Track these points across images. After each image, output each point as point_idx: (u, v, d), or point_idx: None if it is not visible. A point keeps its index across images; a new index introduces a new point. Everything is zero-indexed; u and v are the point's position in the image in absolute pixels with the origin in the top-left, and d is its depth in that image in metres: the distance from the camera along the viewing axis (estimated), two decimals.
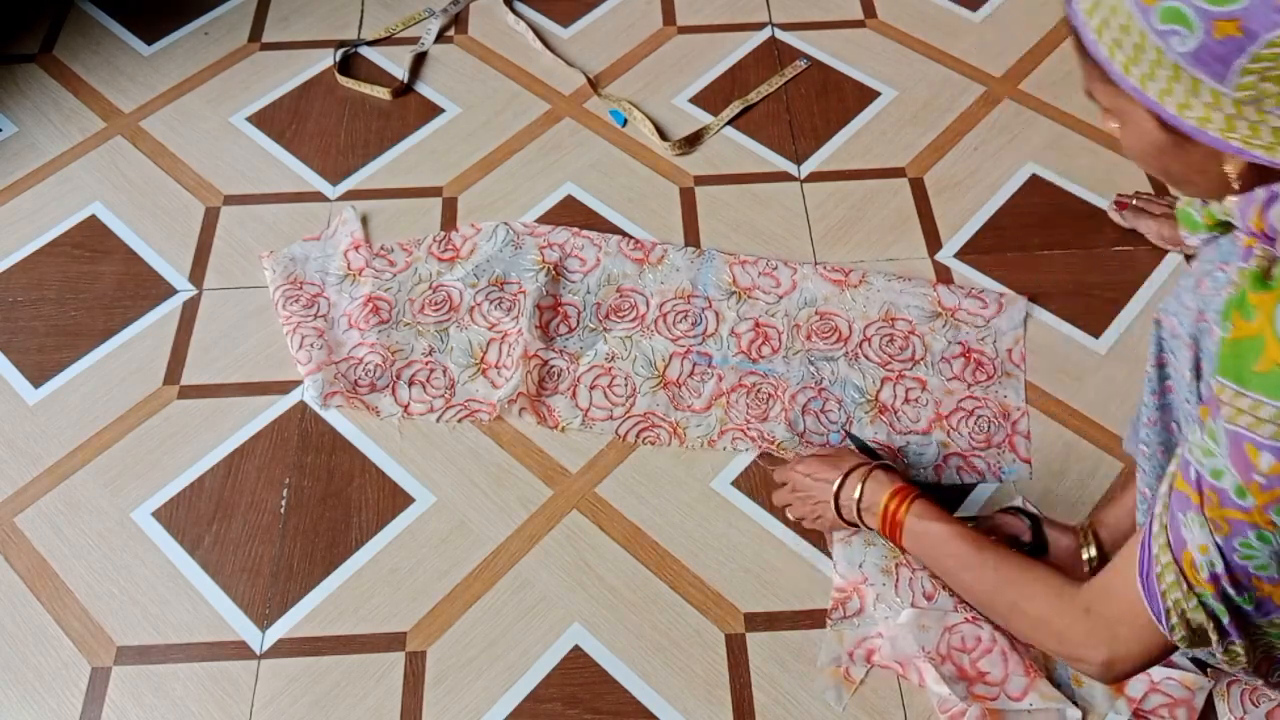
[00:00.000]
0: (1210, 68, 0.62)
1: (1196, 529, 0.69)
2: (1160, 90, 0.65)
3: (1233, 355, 0.66)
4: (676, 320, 1.30)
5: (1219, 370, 0.67)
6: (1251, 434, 0.64)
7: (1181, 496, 0.70)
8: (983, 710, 0.99)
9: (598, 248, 1.38)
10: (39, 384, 1.29)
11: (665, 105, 1.57)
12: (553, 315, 1.31)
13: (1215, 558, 0.69)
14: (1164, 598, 0.72)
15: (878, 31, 1.67)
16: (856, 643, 1.05)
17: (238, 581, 1.13)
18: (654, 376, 1.26)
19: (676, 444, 1.21)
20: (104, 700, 1.05)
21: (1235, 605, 0.70)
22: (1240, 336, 0.66)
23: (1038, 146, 1.50)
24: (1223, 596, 0.70)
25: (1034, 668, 1.01)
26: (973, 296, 1.32)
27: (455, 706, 1.04)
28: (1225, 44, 0.60)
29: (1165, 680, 1.01)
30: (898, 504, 1.01)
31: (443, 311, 1.32)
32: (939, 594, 1.06)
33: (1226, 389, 0.65)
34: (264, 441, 1.23)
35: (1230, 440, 0.65)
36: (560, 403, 1.24)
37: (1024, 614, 0.87)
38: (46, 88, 1.63)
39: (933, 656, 1.01)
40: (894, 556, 1.08)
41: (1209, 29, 0.60)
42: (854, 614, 1.07)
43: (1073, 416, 1.22)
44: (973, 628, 1.03)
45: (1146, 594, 0.73)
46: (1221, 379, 0.66)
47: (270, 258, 1.38)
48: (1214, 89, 0.62)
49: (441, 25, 1.69)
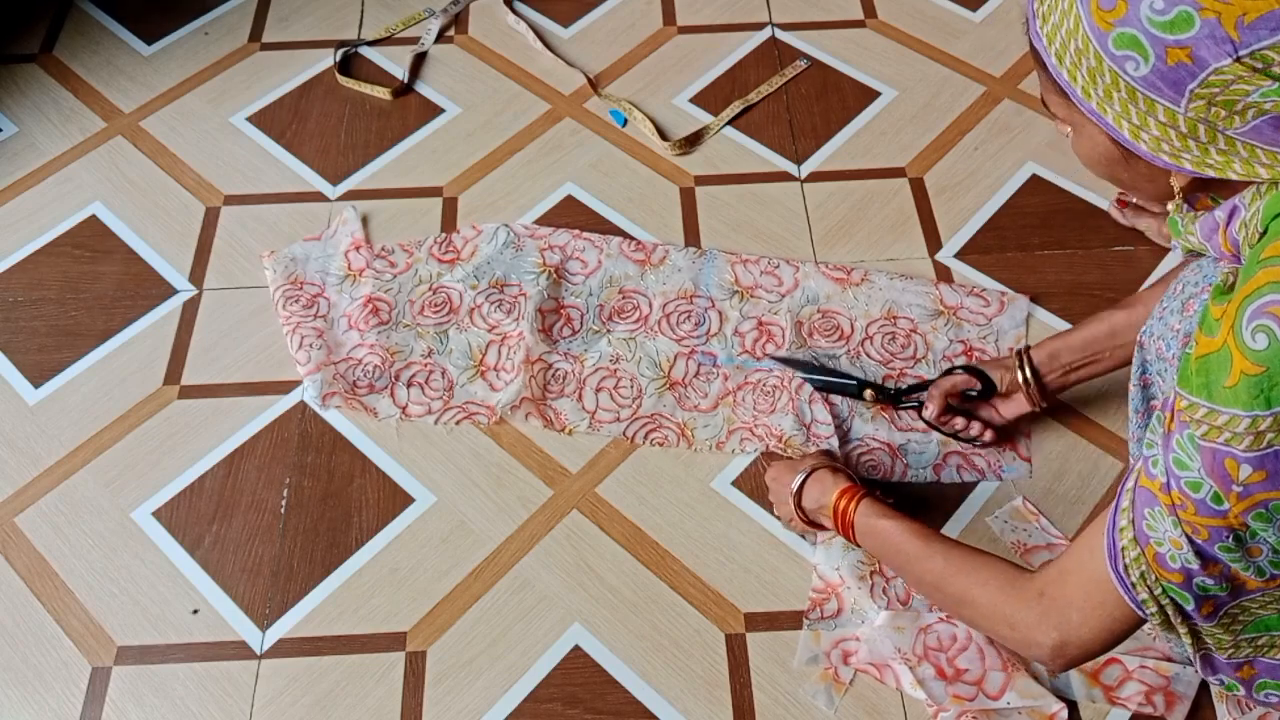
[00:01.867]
0: (1163, 92, 0.65)
1: (1162, 525, 0.70)
2: (1116, 114, 0.68)
3: (1201, 372, 0.65)
4: (680, 320, 1.30)
5: (1180, 383, 0.67)
6: (1230, 449, 0.64)
7: (1146, 493, 0.71)
8: (961, 712, 1.00)
9: (599, 249, 1.38)
10: (39, 384, 1.29)
11: (665, 105, 1.57)
12: (556, 318, 1.31)
13: (1189, 555, 0.69)
14: (1136, 588, 0.73)
15: (878, 31, 1.67)
16: (833, 643, 1.06)
17: (238, 581, 1.13)
18: (659, 377, 1.25)
19: (684, 446, 1.21)
20: (104, 700, 1.05)
21: (1207, 593, 0.71)
22: (1205, 353, 0.65)
23: (1038, 146, 1.50)
24: (1190, 586, 0.71)
25: (1011, 663, 1.02)
26: (975, 295, 1.32)
27: (455, 706, 1.04)
28: (1177, 70, 0.64)
29: (1140, 669, 1.02)
30: (846, 503, 1.00)
31: (443, 313, 1.32)
32: (915, 598, 1.07)
33: (1199, 407, 0.65)
34: (264, 441, 1.23)
35: (1208, 456, 0.65)
36: (566, 405, 1.24)
37: (974, 602, 0.86)
38: (46, 88, 1.63)
39: (908, 658, 1.02)
40: (870, 564, 1.08)
41: (1162, 55, 0.63)
42: (831, 615, 1.07)
43: (1073, 416, 1.22)
44: (948, 626, 1.04)
45: (1119, 582, 0.74)
46: (1192, 396, 0.66)
47: (271, 258, 1.38)
48: (1168, 109, 0.66)
49: (442, 25, 1.70)
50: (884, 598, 1.07)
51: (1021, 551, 1.12)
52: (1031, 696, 1.00)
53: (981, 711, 1.00)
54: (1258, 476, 0.63)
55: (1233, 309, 0.64)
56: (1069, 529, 1.14)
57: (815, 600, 1.08)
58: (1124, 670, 1.03)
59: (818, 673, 1.04)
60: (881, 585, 1.08)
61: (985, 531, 1.14)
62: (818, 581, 1.09)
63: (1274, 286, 0.62)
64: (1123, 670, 1.03)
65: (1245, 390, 0.62)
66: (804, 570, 1.11)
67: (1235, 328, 0.63)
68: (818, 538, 1.12)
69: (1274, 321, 0.61)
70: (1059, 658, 0.80)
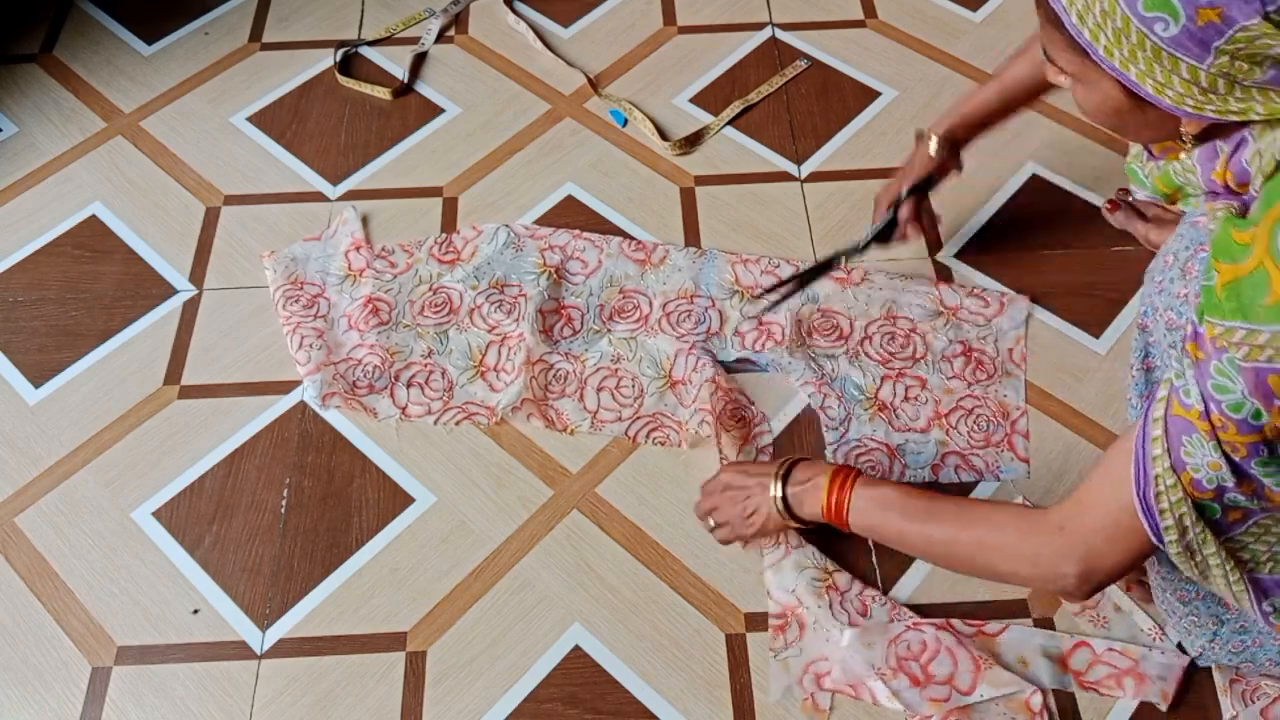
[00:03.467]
0: (1190, 50, 0.66)
1: (1201, 452, 0.71)
2: (1140, 72, 0.69)
3: (1232, 296, 0.66)
4: (680, 320, 1.30)
5: (1209, 312, 0.68)
6: (1273, 365, 0.65)
7: (1181, 422, 0.72)
8: (942, 715, 1.00)
9: (599, 249, 1.38)
10: (39, 384, 1.29)
11: (665, 105, 1.57)
12: (556, 318, 1.31)
13: (1227, 474, 0.71)
14: (1163, 515, 0.75)
15: (878, 31, 1.67)
16: (804, 669, 1.04)
17: (238, 581, 1.13)
18: (660, 377, 1.25)
19: (686, 446, 1.21)
20: (104, 700, 1.05)
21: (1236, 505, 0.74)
22: (1234, 278, 0.66)
23: (1038, 146, 1.50)
24: (1221, 499, 0.73)
25: (981, 659, 1.02)
26: (974, 295, 1.32)
27: (455, 706, 1.04)
28: (1206, 29, 0.65)
29: (1108, 651, 1.04)
30: (843, 479, 0.99)
31: (443, 313, 1.32)
32: (873, 607, 1.06)
33: (1236, 330, 0.66)
34: (264, 441, 1.23)
35: (1250, 376, 0.66)
36: (568, 405, 1.24)
37: (993, 547, 0.88)
38: (47, 88, 1.63)
39: (883, 672, 1.02)
40: (824, 579, 1.08)
41: (1192, 16, 0.65)
42: (794, 641, 1.06)
43: (1073, 416, 1.22)
44: (916, 633, 1.04)
45: (1144, 511, 0.76)
46: (1227, 321, 0.67)
47: (271, 258, 1.38)
48: (1193, 66, 0.67)
49: (442, 25, 1.70)
50: (844, 612, 1.06)
51: None
52: (1004, 685, 1.01)
53: (959, 710, 1.00)
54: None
55: (1264, 232, 0.65)
56: None
57: (776, 628, 1.07)
58: (1092, 654, 1.04)
59: (797, 707, 1.03)
60: (839, 599, 1.07)
61: None
62: (774, 607, 1.08)
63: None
64: (1091, 654, 1.04)
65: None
66: None
67: (1271, 248, 0.64)
68: (765, 563, 1.10)
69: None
70: (1085, 584, 0.82)
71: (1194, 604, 0.95)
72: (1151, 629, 1.05)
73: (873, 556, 1.13)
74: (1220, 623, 0.95)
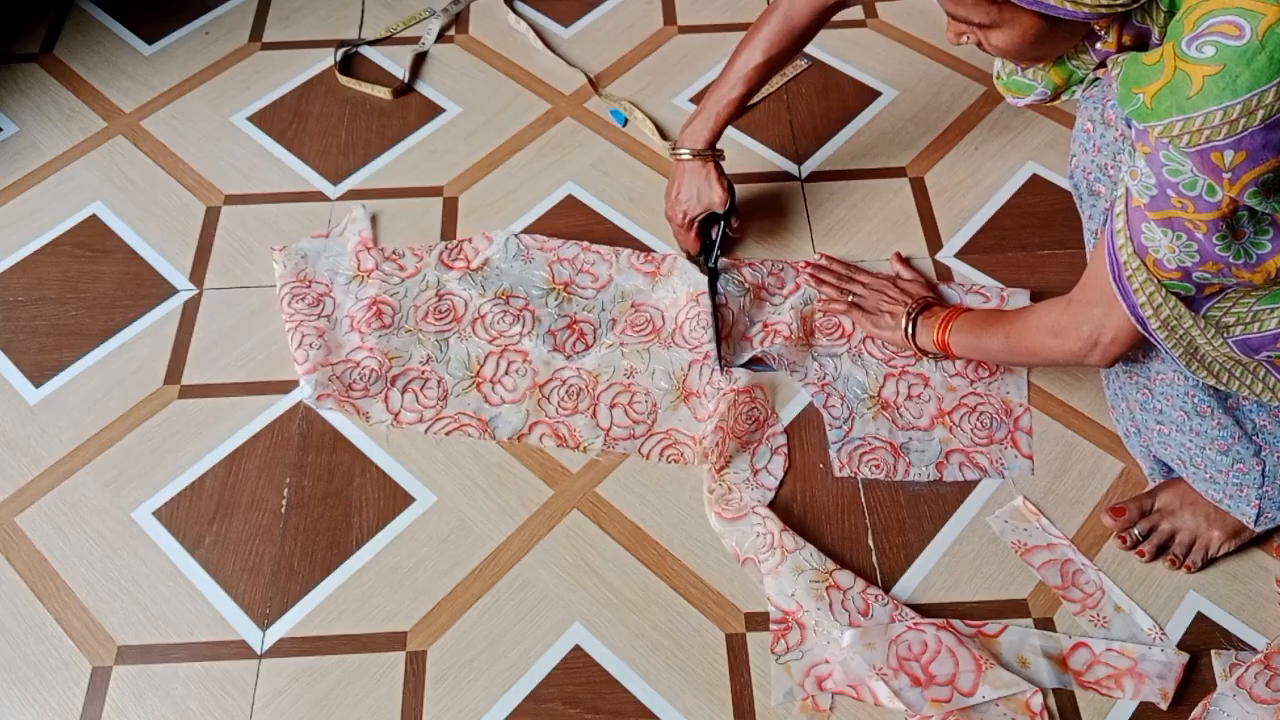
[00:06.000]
0: None
1: (1159, 234, 0.83)
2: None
3: (1162, 99, 0.76)
4: (693, 330, 1.28)
5: (1148, 119, 0.78)
6: (1212, 142, 0.75)
7: (1139, 211, 0.84)
8: (942, 716, 1.00)
9: (609, 263, 1.37)
10: (39, 384, 1.29)
11: (666, 105, 1.57)
12: (568, 334, 1.30)
13: (1188, 253, 0.83)
14: (1136, 294, 0.88)
15: (878, 31, 1.67)
16: (805, 672, 1.04)
17: (238, 581, 1.13)
18: (674, 389, 1.25)
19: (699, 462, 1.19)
20: (104, 700, 1.05)
21: (1207, 282, 0.85)
22: (1158, 88, 0.77)
23: (1038, 146, 1.50)
24: (1190, 279, 0.85)
25: (982, 659, 1.02)
26: (975, 293, 1.32)
27: (456, 706, 1.04)
28: None
29: (1107, 652, 1.04)
30: (945, 325, 1.18)
31: (445, 321, 1.31)
32: (875, 606, 1.06)
33: (1174, 124, 0.76)
34: (264, 441, 1.23)
35: (1195, 157, 0.77)
36: (580, 422, 1.23)
37: (1030, 329, 1.05)
38: (47, 87, 1.63)
39: (884, 672, 1.02)
40: (824, 579, 1.08)
41: None
42: (796, 644, 1.06)
43: (1074, 416, 1.22)
44: (917, 634, 1.04)
45: (1121, 293, 0.89)
46: (1164, 119, 0.77)
47: (282, 253, 1.37)
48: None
49: (442, 25, 1.70)
50: (844, 612, 1.06)
51: (1022, 551, 1.12)
52: (1005, 686, 1.01)
53: (960, 711, 1.00)
54: (1240, 158, 0.75)
55: (1169, 48, 0.76)
56: (1069, 529, 1.14)
57: (777, 633, 1.07)
58: (1092, 654, 1.04)
59: (796, 707, 1.03)
60: (840, 599, 1.07)
61: (985, 531, 1.14)
62: (775, 613, 1.08)
63: (1204, 16, 0.74)
64: (1090, 654, 1.04)
65: (1212, 88, 0.74)
66: None
67: (1179, 53, 0.75)
68: (764, 569, 1.10)
69: (1214, 37, 0.73)
70: (1095, 348, 0.97)
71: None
72: (1151, 629, 1.06)
73: (873, 556, 1.13)
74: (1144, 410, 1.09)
